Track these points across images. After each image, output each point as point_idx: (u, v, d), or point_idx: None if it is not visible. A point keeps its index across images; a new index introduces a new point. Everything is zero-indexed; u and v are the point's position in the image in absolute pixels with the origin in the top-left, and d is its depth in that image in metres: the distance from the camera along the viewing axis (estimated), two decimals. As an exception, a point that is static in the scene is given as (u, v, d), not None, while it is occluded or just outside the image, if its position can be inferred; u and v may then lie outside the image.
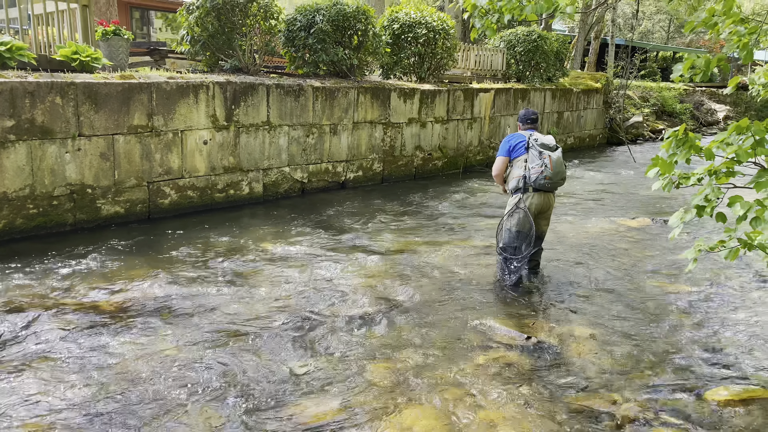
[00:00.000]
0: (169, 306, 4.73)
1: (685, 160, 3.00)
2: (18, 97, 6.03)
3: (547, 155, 5.25)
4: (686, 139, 2.95)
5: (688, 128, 3.01)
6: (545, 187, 5.35)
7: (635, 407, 3.50)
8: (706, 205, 2.89)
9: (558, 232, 7.31)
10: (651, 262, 6.32)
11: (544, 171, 5.24)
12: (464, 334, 4.44)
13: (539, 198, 5.38)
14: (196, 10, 8.71)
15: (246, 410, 3.35)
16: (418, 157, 11.15)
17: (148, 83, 7.06)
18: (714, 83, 27.48)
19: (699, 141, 3.01)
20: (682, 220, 2.99)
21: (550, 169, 5.24)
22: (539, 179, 5.26)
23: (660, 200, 9.65)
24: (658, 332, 4.60)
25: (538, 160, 5.26)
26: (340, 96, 9.39)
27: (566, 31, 31.73)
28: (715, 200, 2.86)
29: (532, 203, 5.37)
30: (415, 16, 11.16)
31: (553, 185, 5.36)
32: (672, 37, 40.70)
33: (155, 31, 17.33)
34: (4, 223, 6.15)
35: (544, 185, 5.31)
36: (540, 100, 14.58)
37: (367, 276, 5.54)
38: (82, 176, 6.65)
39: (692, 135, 2.98)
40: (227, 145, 8.00)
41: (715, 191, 2.86)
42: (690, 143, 2.95)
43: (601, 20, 23.46)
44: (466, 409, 3.42)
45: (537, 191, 5.36)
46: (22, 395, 3.40)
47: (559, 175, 5.33)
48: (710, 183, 2.91)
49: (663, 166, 2.94)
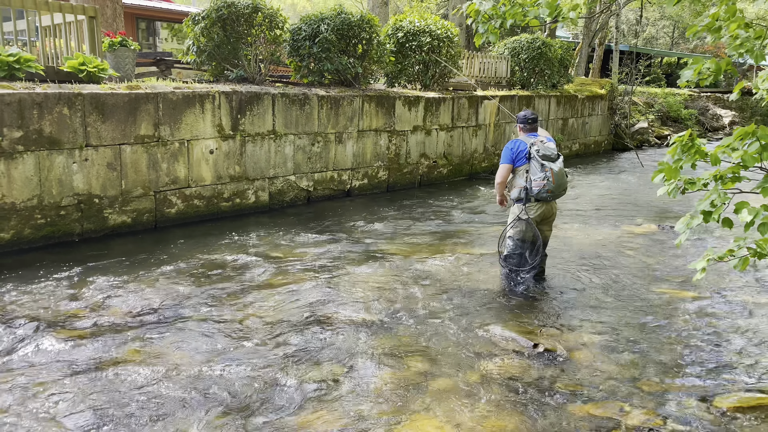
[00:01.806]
0: (176, 315, 4.74)
1: (691, 165, 2.99)
2: (26, 108, 6.08)
3: (549, 168, 5.19)
4: (692, 144, 2.94)
5: (694, 133, 3.00)
6: (547, 199, 5.34)
7: (643, 415, 3.48)
8: (713, 211, 2.88)
9: (564, 239, 7.29)
10: (658, 269, 6.30)
11: (546, 185, 5.21)
12: (471, 341, 4.44)
13: (541, 207, 5.37)
14: (201, 20, 8.78)
15: (249, 421, 3.35)
16: (423, 165, 11.17)
17: (155, 93, 7.11)
18: (719, 88, 27.43)
19: (705, 146, 3.00)
20: (689, 225, 2.97)
21: (552, 182, 5.20)
22: (541, 192, 5.24)
23: (666, 206, 9.62)
24: (665, 339, 4.58)
25: (540, 173, 5.21)
26: (345, 104, 9.43)
27: (570, 37, 31.76)
28: (721, 206, 2.85)
29: (534, 213, 5.36)
30: (419, 24, 11.20)
31: (554, 197, 5.35)
32: (676, 43, 40.68)
33: (161, 41, 17.44)
34: (13, 234, 6.19)
35: (546, 198, 5.30)
36: (545, 107, 14.59)
37: (373, 284, 5.54)
38: (90, 186, 6.69)
39: (698, 140, 2.98)
40: (233, 154, 8.03)
41: (721, 196, 2.84)
42: (696, 148, 2.93)
43: (605, 27, 23.49)
44: (474, 418, 3.41)
45: (539, 201, 5.35)
46: (28, 405, 3.41)
47: (561, 187, 5.31)
48: (716, 188, 2.89)
49: (668, 172, 2.94)
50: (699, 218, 2.93)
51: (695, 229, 3.26)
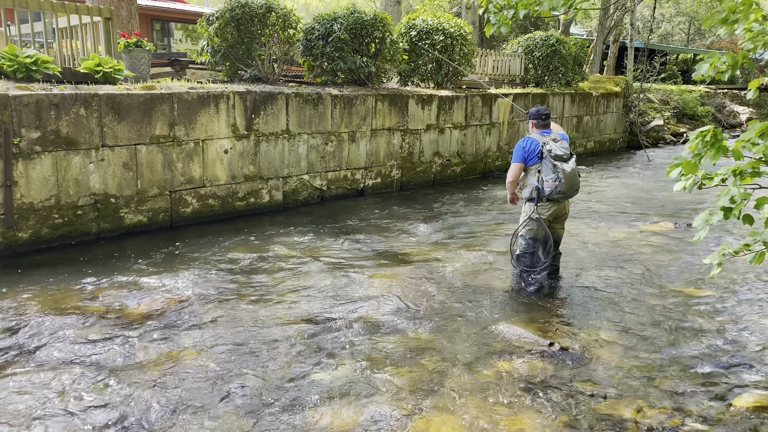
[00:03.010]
0: (192, 313, 4.78)
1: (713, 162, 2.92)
2: (43, 109, 6.15)
3: (561, 169, 5.12)
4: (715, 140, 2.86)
5: (718, 129, 2.93)
6: (559, 200, 5.29)
7: (661, 414, 3.45)
8: (733, 207, 2.82)
9: (579, 238, 7.25)
10: (674, 267, 6.24)
11: (558, 186, 5.14)
12: (486, 340, 4.42)
13: (553, 207, 5.32)
14: (215, 20, 8.83)
15: (265, 417, 3.36)
16: (437, 164, 11.15)
17: (170, 94, 7.16)
18: (735, 85, 27.09)
19: (725, 141, 2.94)
20: (708, 222, 2.91)
21: (564, 184, 5.14)
22: (553, 193, 5.18)
23: (682, 204, 9.53)
24: (682, 338, 4.53)
25: (552, 174, 5.14)
26: (358, 103, 9.43)
27: (584, 35, 31.53)
28: (742, 201, 2.79)
29: (546, 212, 5.32)
30: (432, 22, 11.18)
31: (566, 197, 5.30)
32: (692, 40, 40.24)
33: (176, 42, 17.56)
34: (31, 233, 6.26)
35: (558, 199, 5.26)
36: (559, 105, 14.50)
37: (387, 282, 5.54)
38: (106, 186, 6.75)
39: (722, 136, 2.90)
40: (247, 154, 8.07)
41: (741, 192, 2.78)
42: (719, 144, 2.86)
43: (620, 23, 23.28)
44: (490, 416, 3.40)
45: (550, 201, 5.31)
46: (49, 401, 3.45)
47: (573, 188, 5.25)
48: (735, 183, 2.83)
49: (686, 167, 2.88)
50: (718, 215, 2.88)
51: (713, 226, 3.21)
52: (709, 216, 2.90)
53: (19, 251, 6.17)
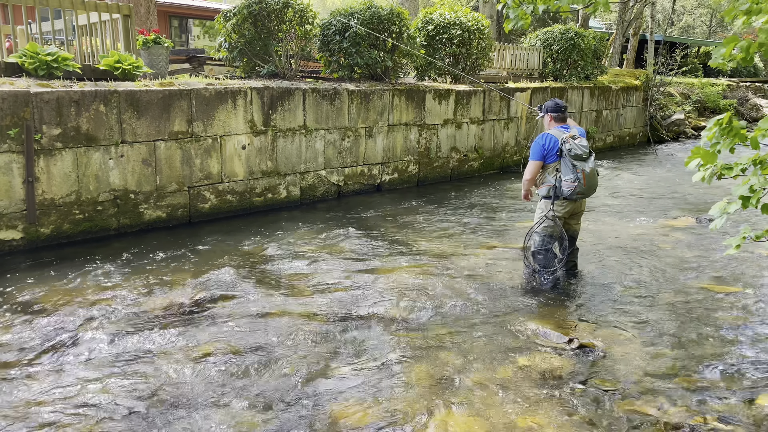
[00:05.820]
0: (210, 307, 4.80)
1: (730, 150, 2.83)
2: (64, 106, 6.22)
3: (581, 169, 5.02)
4: (731, 127, 2.79)
5: (733, 116, 2.86)
6: (576, 201, 5.23)
7: (683, 413, 3.40)
8: (752, 196, 2.74)
9: (599, 233, 7.17)
10: (696, 262, 6.15)
11: (577, 187, 5.05)
12: (505, 336, 4.39)
13: (570, 205, 5.26)
14: (233, 17, 8.85)
15: (283, 411, 3.37)
16: (454, 159, 11.09)
17: (188, 90, 7.20)
18: (759, 77, 26.62)
19: (745, 130, 2.85)
20: (725, 211, 2.82)
21: (584, 184, 5.05)
22: (572, 194, 5.11)
23: (704, 199, 9.38)
24: (704, 334, 4.46)
25: (571, 174, 5.04)
26: (375, 99, 9.41)
27: (603, 28, 31.15)
28: (761, 190, 2.71)
29: (562, 210, 5.25)
30: (449, 16, 11.11)
31: (584, 197, 5.24)
32: (714, 32, 39.59)
33: (193, 38, 17.66)
34: (52, 229, 6.34)
35: (576, 199, 5.19)
36: (578, 99, 14.35)
37: (405, 278, 5.53)
38: (125, 182, 6.81)
39: (737, 123, 2.83)
40: (265, 150, 8.09)
41: (761, 181, 2.70)
42: (735, 131, 2.78)
43: (640, 16, 22.97)
44: (508, 413, 3.38)
45: (567, 200, 5.24)
46: (71, 395, 3.50)
47: (592, 189, 5.17)
48: (755, 172, 2.76)
49: (705, 157, 2.80)
50: (736, 203, 2.79)
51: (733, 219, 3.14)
52: (726, 204, 2.81)
53: (41, 246, 6.26)
